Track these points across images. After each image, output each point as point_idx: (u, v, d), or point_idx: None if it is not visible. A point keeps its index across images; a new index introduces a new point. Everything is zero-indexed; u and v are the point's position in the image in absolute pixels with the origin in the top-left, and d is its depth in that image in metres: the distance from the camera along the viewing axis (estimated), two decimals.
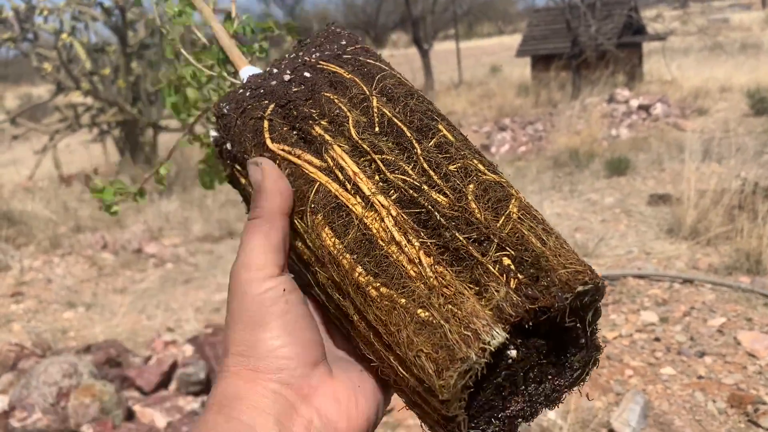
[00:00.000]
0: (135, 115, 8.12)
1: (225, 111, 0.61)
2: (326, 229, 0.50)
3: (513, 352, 0.44)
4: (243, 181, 0.60)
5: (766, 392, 2.75)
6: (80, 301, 4.85)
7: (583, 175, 7.05)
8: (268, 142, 0.57)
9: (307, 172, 0.53)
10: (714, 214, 4.79)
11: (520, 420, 0.46)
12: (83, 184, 8.03)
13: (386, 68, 0.60)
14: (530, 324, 0.44)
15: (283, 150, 0.55)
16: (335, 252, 0.49)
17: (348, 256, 0.48)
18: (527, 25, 14.28)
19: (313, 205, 0.51)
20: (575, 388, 0.48)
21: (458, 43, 18.34)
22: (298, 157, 0.55)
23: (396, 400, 0.53)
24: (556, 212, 5.86)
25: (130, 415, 2.76)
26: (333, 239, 0.50)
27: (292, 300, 0.50)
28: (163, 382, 3.02)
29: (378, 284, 0.46)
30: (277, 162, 0.55)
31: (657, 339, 3.32)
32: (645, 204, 5.81)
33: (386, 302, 0.45)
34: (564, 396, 0.48)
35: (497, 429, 0.45)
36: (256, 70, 0.65)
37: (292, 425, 0.46)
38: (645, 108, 9.53)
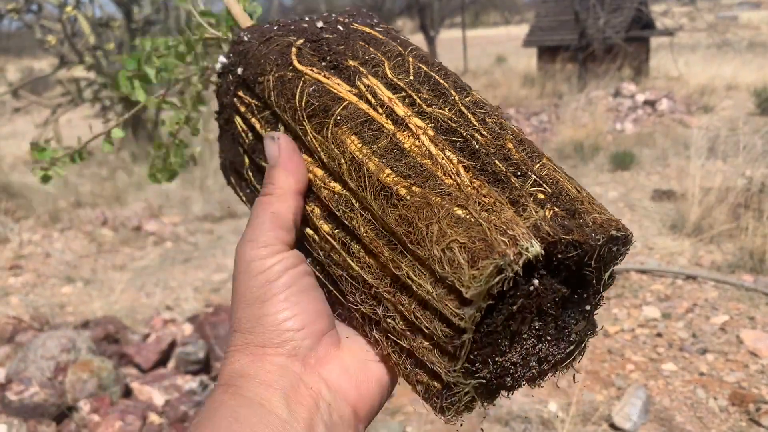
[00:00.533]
0: None
1: (245, 38, 0.60)
2: (351, 137, 0.48)
3: (536, 281, 0.42)
4: (242, 109, 0.59)
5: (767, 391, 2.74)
6: (79, 277, 4.82)
7: (588, 168, 7.02)
8: (295, 62, 0.55)
9: (335, 91, 0.52)
10: (718, 212, 4.77)
11: (508, 381, 0.45)
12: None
13: (418, 47, 0.59)
14: (558, 257, 0.43)
15: (311, 70, 0.54)
16: (360, 156, 0.47)
17: (376, 159, 0.47)
18: (535, 16, 14.17)
19: (338, 118, 0.50)
20: (561, 371, 0.48)
21: (464, 31, 18.22)
22: (327, 78, 0.53)
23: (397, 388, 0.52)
24: None
25: (127, 392, 2.74)
26: (359, 145, 0.48)
27: (298, 272, 0.50)
28: (162, 360, 3.00)
29: (409, 183, 0.44)
30: (302, 81, 0.53)
31: (659, 335, 3.30)
32: (649, 199, 5.78)
33: (418, 199, 0.43)
34: (548, 376, 0.48)
35: (488, 375, 0.44)
36: None
37: (300, 398, 0.46)
38: (651, 103, 9.48)
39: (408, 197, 0.44)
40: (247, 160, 0.61)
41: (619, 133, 8.52)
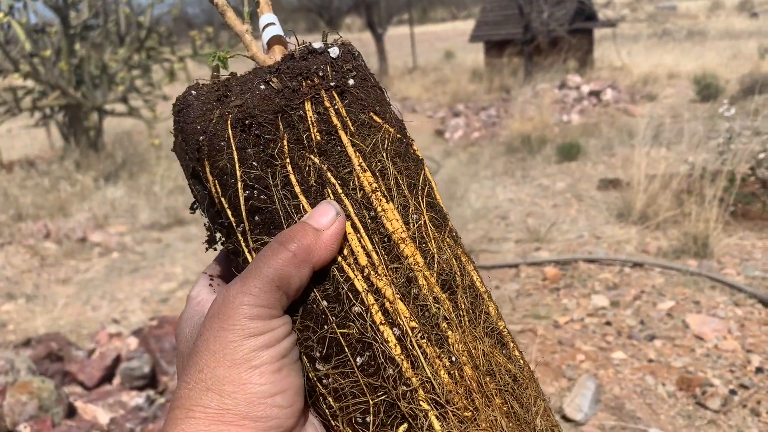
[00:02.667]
0: (79, 99, 7.84)
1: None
2: None
3: None
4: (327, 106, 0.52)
5: (713, 374, 2.79)
6: (20, 293, 4.66)
7: (535, 160, 7.10)
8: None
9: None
10: (663, 199, 4.87)
11: None
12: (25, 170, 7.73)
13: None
14: None
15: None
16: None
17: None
18: (480, 11, 14.27)
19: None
20: None
21: (412, 28, 18.26)
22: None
23: None
24: (508, 198, 5.88)
25: (71, 412, 2.65)
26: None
27: (291, 342, 0.46)
28: (107, 377, 2.91)
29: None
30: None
31: (608, 323, 3.34)
32: (595, 189, 5.87)
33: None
34: None
35: None
36: (273, 17, 0.60)
37: None
38: (595, 94, 9.65)
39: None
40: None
41: (565, 125, 8.64)
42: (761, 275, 3.82)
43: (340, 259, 0.48)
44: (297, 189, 0.49)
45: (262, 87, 0.52)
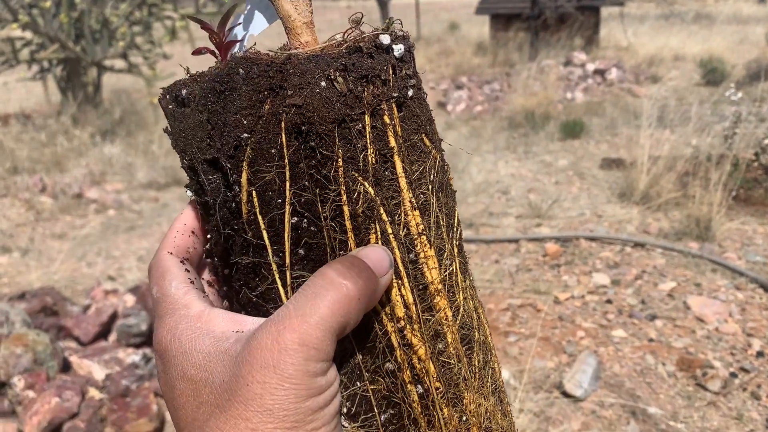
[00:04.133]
0: (78, 53, 7.70)
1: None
2: None
3: None
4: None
5: (713, 357, 2.78)
6: (15, 246, 4.61)
7: (538, 137, 7.03)
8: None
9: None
10: (666, 180, 4.83)
11: None
12: (21, 123, 7.63)
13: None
14: None
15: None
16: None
17: None
18: None
19: None
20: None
21: None
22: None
23: None
24: (510, 173, 5.83)
25: (66, 367, 2.62)
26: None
27: (338, 400, 0.42)
28: (102, 333, 2.88)
29: None
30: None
31: (609, 301, 3.32)
32: (598, 167, 5.83)
33: None
34: None
35: None
36: None
37: None
38: (600, 72, 9.55)
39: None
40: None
41: (569, 102, 8.57)
42: (762, 260, 3.81)
43: (379, 308, 0.43)
44: (348, 224, 0.43)
45: (323, 84, 0.42)
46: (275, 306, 0.44)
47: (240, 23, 0.50)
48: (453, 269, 0.46)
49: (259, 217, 0.43)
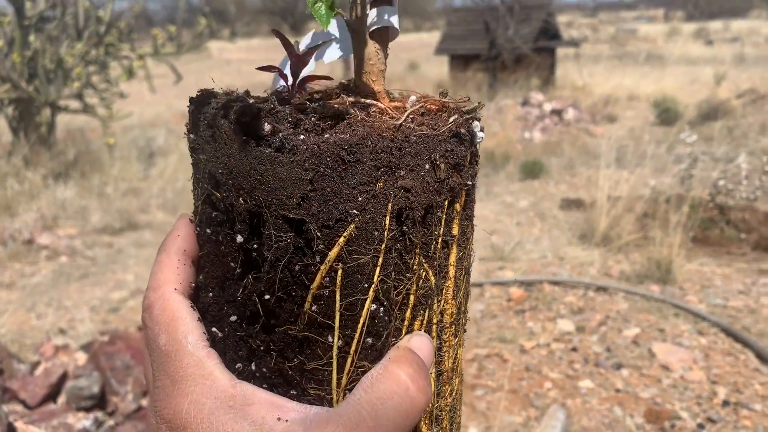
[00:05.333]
0: (31, 93, 7.53)
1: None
2: None
3: None
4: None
5: (680, 407, 2.76)
6: None
7: (499, 177, 7.09)
8: None
9: None
10: (625, 222, 4.88)
11: None
12: None
13: None
14: None
15: None
16: None
17: None
18: (446, 24, 14.31)
19: None
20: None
21: None
22: None
23: None
24: None
25: None
26: None
27: None
28: (51, 395, 2.72)
29: None
30: None
31: (574, 349, 3.30)
32: (558, 208, 5.87)
33: None
34: None
35: None
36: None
37: None
38: (557, 112, 9.73)
39: None
40: None
41: (528, 142, 8.68)
42: (722, 303, 3.84)
43: None
44: (408, 312, 0.40)
45: (427, 168, 0.41)
46: (320, 388, 0.40)
47: (314, 46, 0.47)
48: (459, 354, 0.46)
49: (337, 297, 0.39)
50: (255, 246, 0.41)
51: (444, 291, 0.43)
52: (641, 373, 3.04)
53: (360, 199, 0.39)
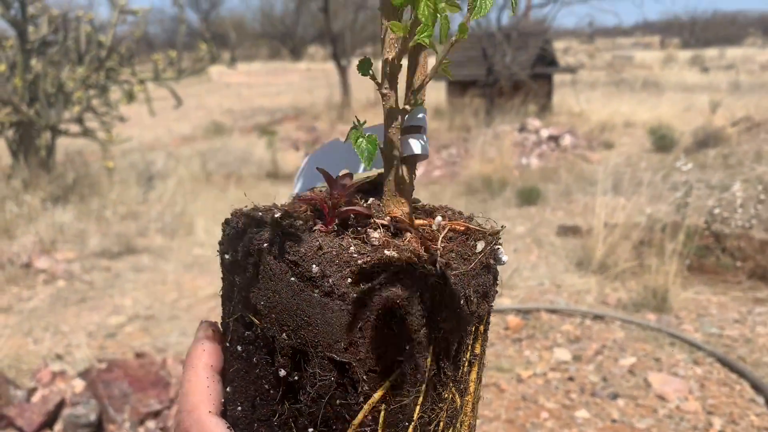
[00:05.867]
0: (32, 117, 7.58)
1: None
2: None
3: None
4: None
5: None
6: None
7: (496, 202, 7.12)
8: None
9: None
10: (622, 249, 4.90)
11: None
12: None
13: None
14: None
15: None
16: None
17: None
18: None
19: None
20: None
21: (377, 62, 18.37)
22: None
23: None
24: None
25: None
26: None
27: None
28: (48, 423, 2.72)
29: None
30: None
31: (571, 378, 3.30)
32: (555, 234, 5.89)
33: None
34: None
35: None
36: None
37: None
38: (554, 138, 9.80)
39: None
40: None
41: (525, 168, 8.73)
42: (717, 332, 3.86)
43: None
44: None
45: (461, 303, 0.43)
46: None
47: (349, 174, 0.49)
48: None
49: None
50: (296, 378, 0.42)
51: (463, 408, 0.44)
52: (637, 404, 3.04)
53: (407, 348, 0.40)
